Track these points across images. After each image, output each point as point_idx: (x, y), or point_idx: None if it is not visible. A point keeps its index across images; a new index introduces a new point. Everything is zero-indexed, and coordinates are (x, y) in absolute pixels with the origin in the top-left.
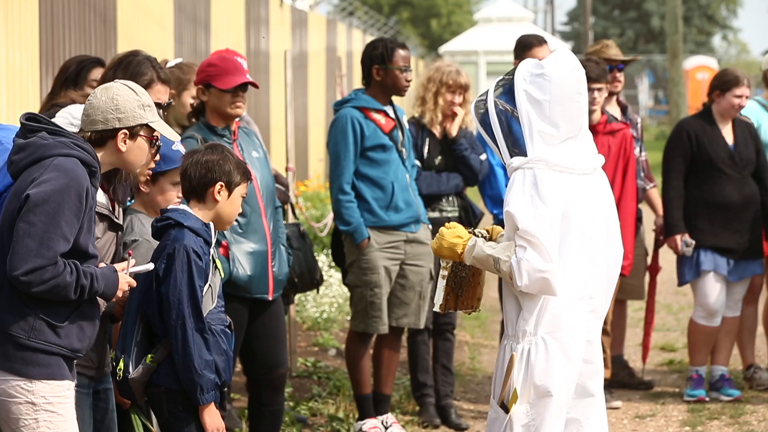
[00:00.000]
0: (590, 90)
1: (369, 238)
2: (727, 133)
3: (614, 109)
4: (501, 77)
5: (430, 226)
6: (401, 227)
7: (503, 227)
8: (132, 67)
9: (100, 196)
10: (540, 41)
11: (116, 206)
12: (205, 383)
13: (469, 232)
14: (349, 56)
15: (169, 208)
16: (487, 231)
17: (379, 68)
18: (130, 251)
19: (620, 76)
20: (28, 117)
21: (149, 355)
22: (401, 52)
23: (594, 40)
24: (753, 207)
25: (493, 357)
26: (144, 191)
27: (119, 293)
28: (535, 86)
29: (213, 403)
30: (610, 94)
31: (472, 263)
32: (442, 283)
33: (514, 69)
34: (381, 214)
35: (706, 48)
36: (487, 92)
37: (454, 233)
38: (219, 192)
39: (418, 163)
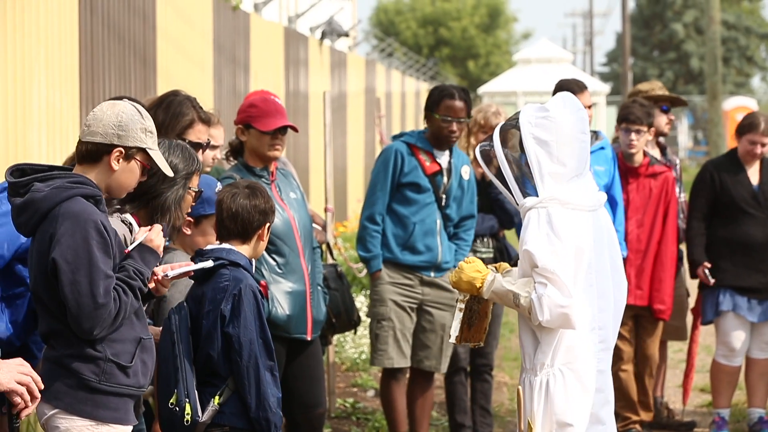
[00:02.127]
0: (628, 131)
1: (381, 271)
2: (753, 173)
3: (654, 151)
4: (503, 122)
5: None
6: (417, 270)
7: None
8: (173, 107)
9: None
10: (580, 87)
11: None
12: (278, 420)
13: (490, 269)
14: (388, 97)
15: (211, 248)
16: (495, 267)
17: (428, 114)
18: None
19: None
20: (13, 171)
21: (216, 397)
22: (448, 102)
23: (633, 81)
24: None
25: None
26: (186, 233)
27: (159, 250)
28: (541, 128)
29: None
30: (661, 135)
31: (491, 297)
32: (458, 316)
33: (517, 114)
34: (396, 250)
35: (745, 89)
36: (491, 138)
37: (474, 267)
38: (266, 232)
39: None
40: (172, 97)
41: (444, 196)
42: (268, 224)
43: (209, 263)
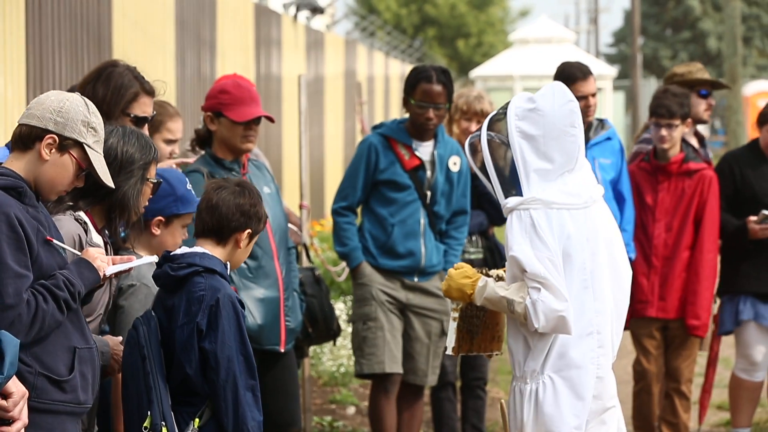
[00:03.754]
0: (658, 126)
1: (363, 264)
2: None
3: (692, 140)
4: (494, 112)
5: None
6: (398, 275)
7: None
8: (114, 79)
9: (96, 237)
10: (584, 73)
11: (109, 249)
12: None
13: (481, 273)
14: (371, 81)
15: (185, 252)
16: (504, 271)
17: (405, 99)
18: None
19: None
20: None
21: (197, 420)
22: (424, 86)
23: (643, 63)
24: None
25: None
26: (155, 233)
27: (102, 272)
28: (527, 121)
29: None
30: (701, 122)
31: (484, 304)
32: (453, 326)
33: (508, 103)
34: (375, 254)
35: None
36: (480, 129)
37: (463, 273)
38: (245, 239)
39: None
40: (111, 68)
41: (429, 193)
42: (248, 231)
43: (153, 258)
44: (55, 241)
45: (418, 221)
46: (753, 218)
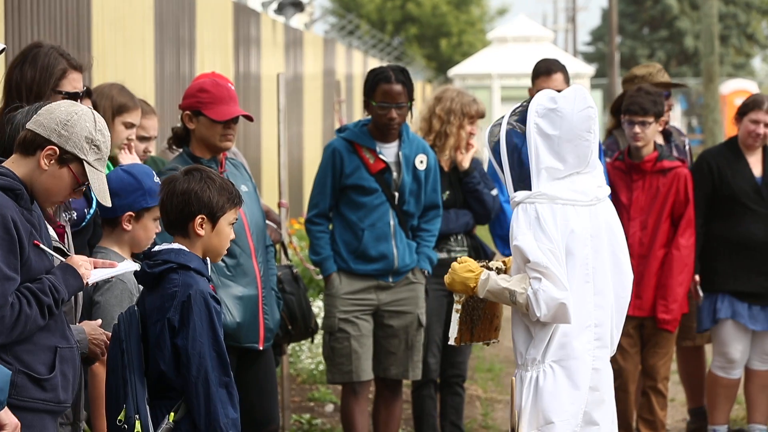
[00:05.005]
0: (632, 123)
1: (332, 275)
2: (755, 163)
3: (658, 138)
4: (519, 104)
5: (428, 272)
6: (373, 277)
7: None
8: (41, 59)
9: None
10: (548, 70)
11: (66, 238)
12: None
13: (482, 266)
14: (349, 80)
15: (161, 248)
16: (504, 263)
17: (366, 101)
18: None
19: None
20: None
21: (172, 414)
22: (384, 86)
23: (620, 62)
24: None
25: (508, 413)
26: (126, 229)
27: (85, 278)
28: (546, 120)
29: None
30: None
31: (486, 297)
32: (456, 317)
33: (531, 98)
34: (348, 259)
35: (745, 71)
36: (502, 118)
37: (466, 267)
38: (201, 225)
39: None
40: (36, 49)
41: (397, 194)
42: (201, 217)
43: (135, 266)
44: (42, 245)
45: (387, 223)
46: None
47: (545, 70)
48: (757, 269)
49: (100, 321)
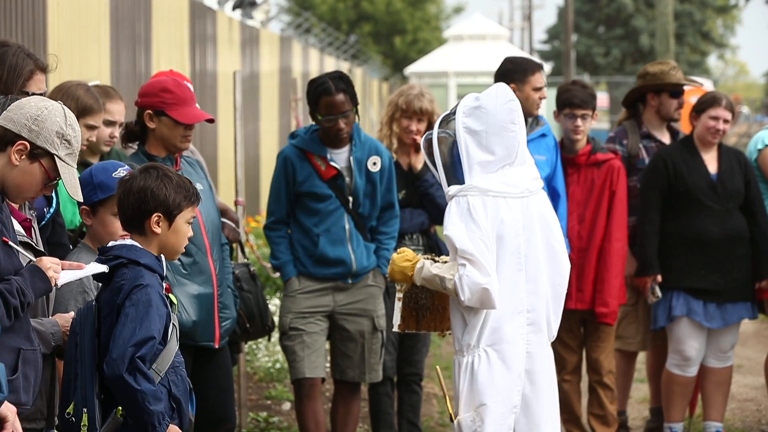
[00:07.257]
0: (573, 116)
1: (290, 280)
2: (711, 160)
3: (665, 137)
4: (447, 112)
5: (387, 274)
6: (332, 280)
7: None
8: (8, 59)
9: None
10: (525, 71)
11: (33, 232)
12: (156, 417)
13: (431, 258)
14: (305, 78)
15: (114, 244)
16: (432, 258)
17: (312, 114)
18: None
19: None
20: None
21: (119, 408)
22: (326, 99)
23: (577, 60)
24: (738, 243)
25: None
26: (87, 224)
27: (53, 281)
28: (472, 118)
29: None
30: (672, 120)
31: (422, 284)
32: (398, 305)
33: (458, 104)
34: (307, 264)
35: (700, 69)
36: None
37: (404, 257)
38: (157, 223)
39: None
40: (4, 48)
41: (351, 198)
42: (157, 215)
43: (103, 268)
44: (11, 242)
45: (343, 228)
46: (652, 284)
47: (523, 71)
48: (712, 266)
49: (72, 314)
